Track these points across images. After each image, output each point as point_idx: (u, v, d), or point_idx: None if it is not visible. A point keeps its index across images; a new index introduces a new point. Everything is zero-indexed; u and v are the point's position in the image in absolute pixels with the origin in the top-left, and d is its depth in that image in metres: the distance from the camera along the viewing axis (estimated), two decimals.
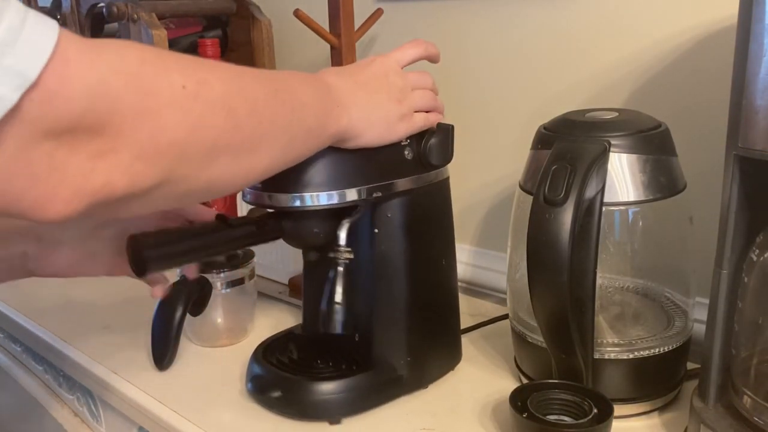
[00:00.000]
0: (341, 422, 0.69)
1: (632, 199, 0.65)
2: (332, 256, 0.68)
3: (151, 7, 1.08)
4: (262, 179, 0.58)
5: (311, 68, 0.65)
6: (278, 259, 1.02)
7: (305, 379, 0.71)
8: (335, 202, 0.65)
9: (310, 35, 0.97)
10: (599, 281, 0.65)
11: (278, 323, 0.84)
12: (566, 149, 0.63)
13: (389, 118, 0.66)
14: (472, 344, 0.83)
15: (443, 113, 0.73)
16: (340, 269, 0.68)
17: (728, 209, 0.55)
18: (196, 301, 0.81)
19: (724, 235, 0.55)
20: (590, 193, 0.62)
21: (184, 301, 0.79)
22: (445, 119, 0.73)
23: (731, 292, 0.57)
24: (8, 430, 1.18)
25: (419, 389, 0.75)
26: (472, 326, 0.87)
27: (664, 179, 0.66)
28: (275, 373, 0.72)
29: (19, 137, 0.38)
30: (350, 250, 0.68)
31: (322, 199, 0.64)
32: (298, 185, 0.64)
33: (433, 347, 0.76)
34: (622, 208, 0.65)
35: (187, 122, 0.45)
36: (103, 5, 1.13)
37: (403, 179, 0.70)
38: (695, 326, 0.70)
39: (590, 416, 0.61)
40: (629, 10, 0.82)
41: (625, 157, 0.64)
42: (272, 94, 0.54)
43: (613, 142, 0.64)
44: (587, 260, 0.62)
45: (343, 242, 0.68)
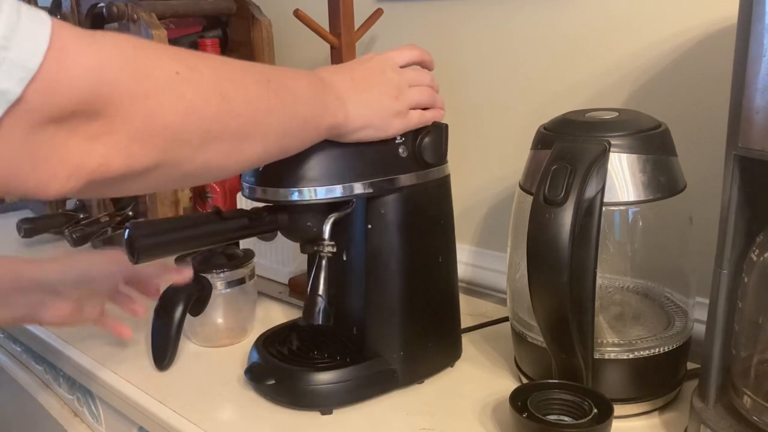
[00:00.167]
0: (332, 413, 0.70)
1: (632, 199, 0.65)
2: (316, 249, 0.69)
3: (151, 7, 1.09)
4: (257, 165, 0.60)
5: (311, 68, 0.66)
6: (278, 259, 1.02)
7: (298, 368, 0.72)
8: (329, 196, 0.66)
9: (310, 35, 0.97)
10: (599, 281, 0.65)
11: (278, 323, 0.84)
12: (566, 149, 0.63)
13: (385, 113, 0.66)
14: (472, 344, 0.83)
15: (444, 109, 0.73)
16: (323, 262, 0.69)
17: (728, 209, 0.55)
18: (196, 301, 0.81)
19: (724, 235, 0.55)
20: (590, 193, 0.62)
21: (184, 300, 0.80)
22: (445, 118, 0.73)
23: (731, 292, 0.57)
24: (8, 430, 1.18)
25: (413, 383, 0.75)
26: (472, 326, 0.87)
27: (664, 179, 0.66)
28: (271, 361, 0.74)
29: (23, 125, 0.39)
30: (333, 243, 0.69)
31: (318, 193, 0.66)
32: (293, 180, 0.65)
33: (428, 343, 0.76)
34: (622, 208, 0.65)
35: (180, 106, 0.47)
36: (103, 5, 1.13)
37: (396, 176, 0.70)
38: (695, 326, 0.70)
39: (590, 416, 0.61)
40: (629, 10, 0.82)
41: (625, 157, 0.64)
42: (264, 83, 0.56)
43: (613, 142, 0.64)
44: (587, 260, 0.62)
45: (327, 236, 0.69)
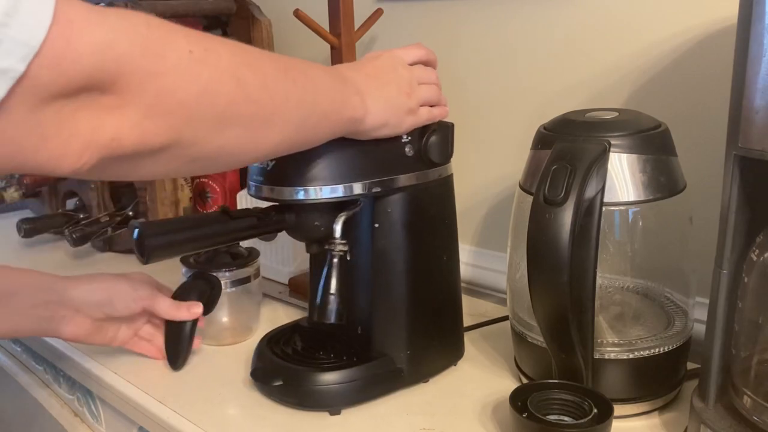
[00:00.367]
0: (341, 413, 0.70)
1: (632, 199, 0.65)
2: (327, 248, 0.69)
3: (150, 7, 1.09)
4: (274, 155, 0.59)
5: None
6: (278, 259, 1.02)
7: (305, 368, 0.72)
8: (336, 195, 0.66)
9: (310, 35, 0.97)
10: (599, 281, 0.65)
11: (278, 323, 0.84)
12: (566, 149, 0.63)
13: (400, 110, 0.66)
14: (472, 344, 0.83)
15: (447, 108, 0.73)
16: (335, 261, 0.69)
17: (728, 209, 0.55)
18: (207, 300, 0.81)
19: (724, 235, 0.55)
20: (590, 193, 0.62)
21: (196, 299, 0.80)
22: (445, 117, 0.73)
23: (731, 292, 0.57)
24: (8, 430, 1.18)
25: (419, 383, 0.75)
26: (473, 325, 0.87)
27: (664, 179, 0.66)
28: (277, 362, 0.73)
29: (31, 101, 0.39)
30: (345, 242, 0.69)
31: (324, 192, 0.66)
32: (301, 179, 0.65)
33: (433, 341, 0.76)
34: (622, 208, 0.65)
35: (194, 86, 0.46)
36: (103, 5, 1.12)
37: (403, 175, 0.70)
38: (695, 326, 0.70)
39: (590, 416, 0.61)
40: (629, 10, 0.82)
41: (625, 157, 0.64)
42: (282, 72, 0.55)
43: (613, 142, 0.64)
44: (587, 260, 0.62)
45: (338, 235, 0.69)
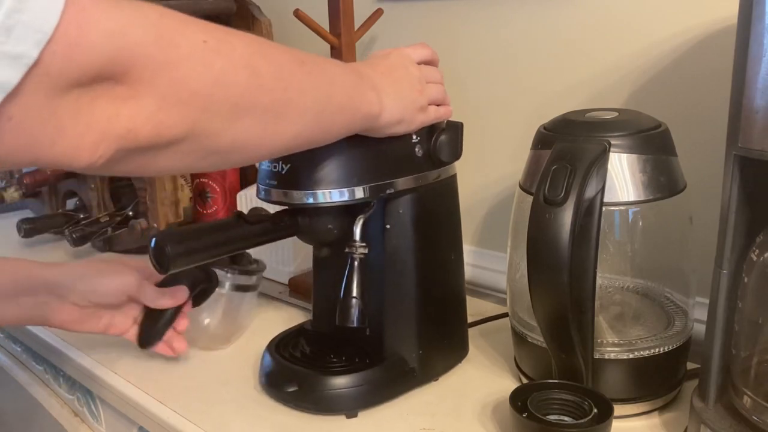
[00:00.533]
0: (357, 415, 0.70)
1: (632, 199, 0.65)
2: (347, 251, 0.69)
3: None
4: (289, 149, 0.58)
5: None
6: (278, 259, 1.02)
7: (320, 373, 0.71)
8: (351, 198, 0.66)
9: (310, 35, 0.97)
10: (599, 281, 0.65)
11: (278, 323, 0.84)
12: (566, 149, 0.63)
13: (413, 107, 0.66)
14: (472, 344, 0.83)
15: (451, 107, 0.73)
16: (356, 264, 0.69)
17: (728, 209, 0.55)
18: (199, 291, 0.79)
19: (724, 235, 0.55)
20: (590, 193, 0.62)
21: (187, 284, 0.77)
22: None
23: (731, 292, 0.57)
24: (8, 430, 1.18)
25: (430, 381, 0.76)
26: (474, 321, 0.87)
27: (664, 179, 0.66)
28: (290, 368, 0.73)
29: (44, 90, 0.38)
30: (365, 245, 0.69)
31: (334, 195, 0.66)
32: (312, 182, 0.65)
33: (443, 341, 0.77)
34: (622, 208, 0.65)
35: (209, 75, 0.46)
36: None
37: (413, 176, 0.70)
38: (695, 326, 0.70)
39: (590, 416, 0.61)
40: (629, 10, 0.82)
41: (625, 157, 0.64)
42: (298, 64, 0.55)
43: (613, 142, 0.64)
44: (587, 260, 0.62)
45: (358, 237, 0.69)
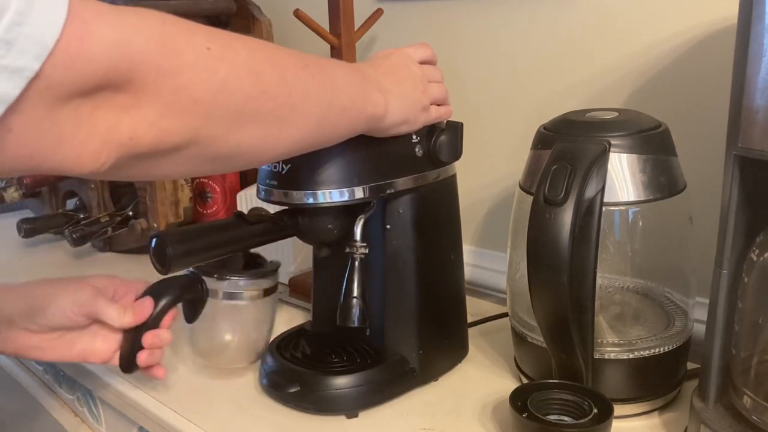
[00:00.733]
0: (358, 416, 0.70)
1: (632, 199, 0.65)
2: (348, 251, 0.69)
3: (151, 7, 1.08)
4: (292, 153, 0.58)
5: None
6: (278, 259, 1.02)
7: (322, 373, 0.71)
8: (351, 198, 0.66)
9: (310, 35, 0.97)
10: (599, 281, 0.65)
11: (278, 323, 0.84)
12: (566, 149, 0.63)
13: (416, 107, 0.66)
14: (472, 344, 0.83)
15: (451, 107, 0.73)
16: (356, 264, 0.69)
17: (728, 209, 0.54)
18: (188, 303, 0.70)
19: (724, 235, 0.55)
20: (590, 193, 0.62)
21: (172, 294, 0.67)
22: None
23: (731, 292, 0.57)
24: (8, 430, 1.18)
25: (430, 381, 0.76)
26: (475, 321, 0.87)
27: (664, 179, 0.66)
28: (291, 368, 0.73)
29: (45, 101, 0.38)
30: (365, 245, 0.69)
31: (334, 196, 0.66)
32: (312, 183, 0.65)
33: (443, 341, 0.77)
34: (622, 208, 0.65)
35: (212, 82, 0.46)
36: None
37: (413, 176, 0.70)
38: (695, 326, 0.70)
39: (590, 416, 0.61)
40: (629, 10, 0.82)
41: (625, 157, 0.64)
42: (302, 67, 0.54)
43: (613, 142, 0.64)
44: (587, 260, 0.62)
45: (358, 237, 0.69)
